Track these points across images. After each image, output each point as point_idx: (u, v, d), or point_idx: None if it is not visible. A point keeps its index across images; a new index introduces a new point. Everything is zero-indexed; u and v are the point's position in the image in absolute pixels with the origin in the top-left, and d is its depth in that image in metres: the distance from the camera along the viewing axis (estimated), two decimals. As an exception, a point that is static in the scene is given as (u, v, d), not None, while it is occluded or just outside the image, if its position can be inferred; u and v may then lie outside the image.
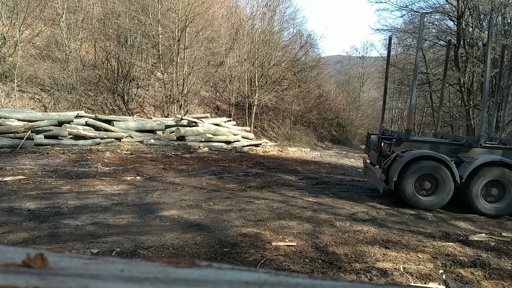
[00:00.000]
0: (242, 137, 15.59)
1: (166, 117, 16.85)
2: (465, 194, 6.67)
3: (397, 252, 4.40)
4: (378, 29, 33.31)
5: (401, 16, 33.51)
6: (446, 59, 10.17)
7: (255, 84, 21.50)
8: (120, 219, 4.98)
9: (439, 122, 10.55)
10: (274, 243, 4.41)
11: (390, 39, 9.53)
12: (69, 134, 11.24)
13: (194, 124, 14.16)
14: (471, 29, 16.50)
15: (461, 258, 4.33)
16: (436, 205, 6.65)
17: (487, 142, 7.84)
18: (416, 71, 7.42)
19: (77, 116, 12.22)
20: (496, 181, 6.58)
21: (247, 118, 21.33)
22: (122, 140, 12.34)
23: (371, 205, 6.76)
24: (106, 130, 12.14)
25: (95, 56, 18.27)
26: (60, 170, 7.89)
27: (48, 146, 10.44)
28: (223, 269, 0.51)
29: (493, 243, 5.01)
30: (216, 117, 18.05)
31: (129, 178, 7.75)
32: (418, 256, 4.32)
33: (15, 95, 13.94)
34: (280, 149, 15.58)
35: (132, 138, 12.79)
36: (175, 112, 17.20)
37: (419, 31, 6.84)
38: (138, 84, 18.80)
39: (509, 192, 6.52)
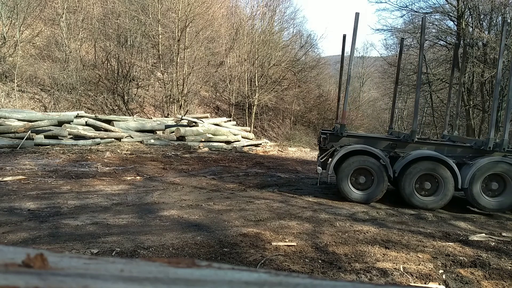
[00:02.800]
0: (242, 137, 15.59)
1: (166, 117, 16.85)
2: (399, 188, 6.77)
3: (397, 252, 4.40)
4: (378, 29, 33.30)
5: (401, 16, 33.46)
6: (399, 56, 10.32)
7: (255, 84, 21.51)
8: (120, 219, 4.98)
9: (393, 119, 10.89)
10: (274, 243, 4.41)
11: (344, 37, 9.59)
12: (69, 134, 11.23)
13: (194, 124, 14.16)
14: (471, 29, 16.49)
15: (461, 258, 4.33)
16: (371, 199, 6.76)
17: (432, 139, 7.92)
18: (350, 67, 7.40)
19: (77, 116, 12.21)
20: (430, 175, 6.66)
21: (247, 118, 21.33)
22: (122, 140, 12.34)
23: (371, 205, 6.76)
24: (106, 130, 12.13)
25: (95, 56, 18.27)
26: (60, 170, 7.89)
27: (48, 146, 10.44)
28: (223, 269, 0.51)
29: (493, 243, 5.01)
30: (216, 117, 18.05)
31: (129, 178, 7.75)
32: (418, 256, 4.32)
33: (15, 95, 13.95)
34: (280, 149, 15.57)
35: (132, 138, 12.78)
36: (175, 112, 17.21)
37: (354, 30, 6.86)
38: (138, 84, 18.81)
39: (442, 186, 6.60)
